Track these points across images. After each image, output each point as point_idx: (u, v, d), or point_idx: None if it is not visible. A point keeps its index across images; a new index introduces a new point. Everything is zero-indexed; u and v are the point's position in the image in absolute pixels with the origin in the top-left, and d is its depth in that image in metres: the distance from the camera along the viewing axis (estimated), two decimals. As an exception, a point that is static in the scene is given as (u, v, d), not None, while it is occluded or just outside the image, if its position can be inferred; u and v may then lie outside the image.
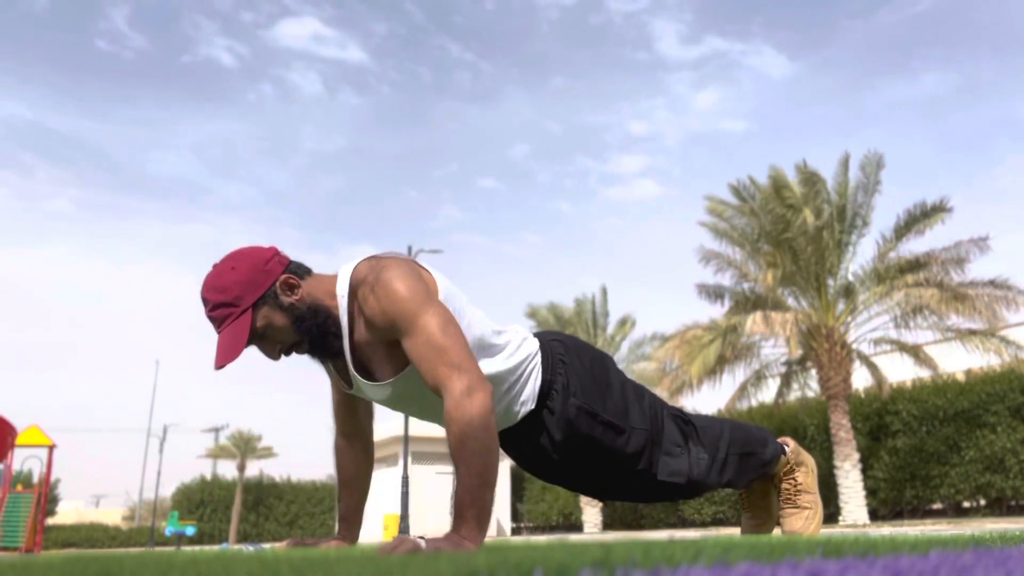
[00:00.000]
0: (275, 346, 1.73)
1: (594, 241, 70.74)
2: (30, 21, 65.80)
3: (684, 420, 2.11)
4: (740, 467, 2.15)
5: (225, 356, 1.64)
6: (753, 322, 13.57)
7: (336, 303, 1.75)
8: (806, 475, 2.26)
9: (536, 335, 2.02)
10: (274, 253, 1.76)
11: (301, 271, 1.77)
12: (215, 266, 1.73)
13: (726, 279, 15.48)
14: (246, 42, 68.21)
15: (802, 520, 2.22)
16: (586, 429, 1.93)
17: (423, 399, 1.81)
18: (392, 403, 1.88)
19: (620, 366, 15.45)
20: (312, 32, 72.60)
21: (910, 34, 62.93)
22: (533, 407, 1.92)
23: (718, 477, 2.09)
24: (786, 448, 2.27)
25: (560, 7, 68.49)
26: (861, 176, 14.39)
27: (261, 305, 1.69)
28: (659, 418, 2.04)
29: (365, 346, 1.77)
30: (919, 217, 13.96)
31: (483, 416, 1.54)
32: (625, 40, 67.24)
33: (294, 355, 1.82)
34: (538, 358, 1.93)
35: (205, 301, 1.70)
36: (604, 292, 22.24)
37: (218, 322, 1.69)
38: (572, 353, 1.99)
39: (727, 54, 67.30)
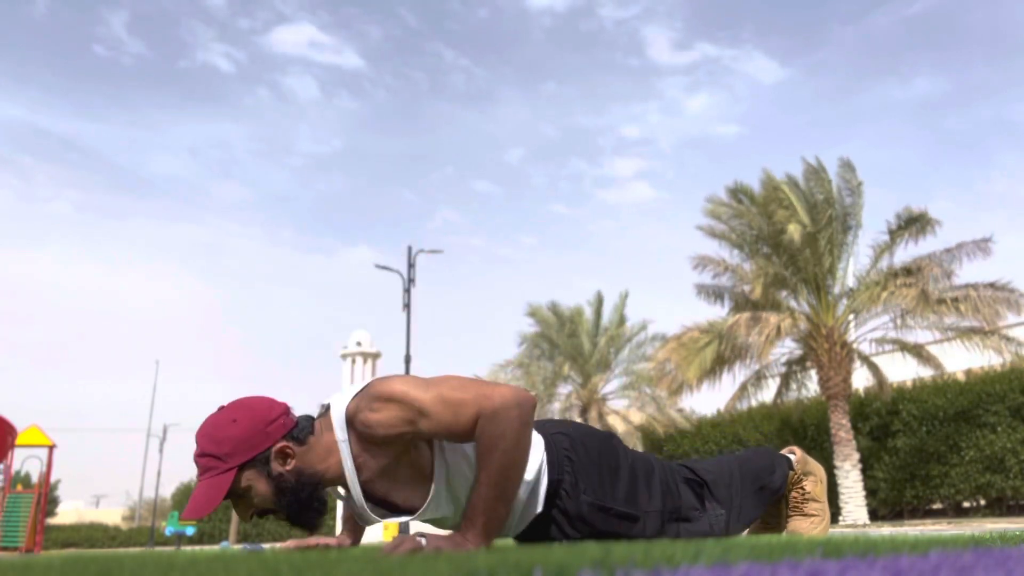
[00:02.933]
0: (249, 509, 1.67)
1: (590, 243, 71.02)
2: (30, 26, 66.17)
3: (696, 481, 2.07)
4: (756, 503, 2.15)
5: (196, 510, 1.59)
6: (739, 325, 13.59)
7: (337, 456, 1.68)
8: (815, 484, 2.25)
9: (539, 428, 1.96)
10: (281, 413, 1.69)
11: (303, 434, 1.68)
12: (220, 410, 1.69)
13: (725, 280, 15.50)
14: (243, 48, 68.81)
15: (807, 523, 2.22)
16: (601, 525, 1.89)
17: (455, 513, 1.78)
18: (430, 524, 1.85)
19: (621, 366, 15.21)
20: (308, 38, 73.37)
21: (902, 38, 63.18)
22: (541, 510, 1.87)
23: (737, 524, 2.09)
24: (792, 459, 2.26)
25: (552, 14, 69.17)
26: (841, 179, 14.47)
27: (249, 467, 1.63)
28: (673, 487, 2.01)
29: (380, 480, 1.71)
30: (910, 222, 14.01)
31: (517, 430, 1.52)
32: (617, 46, 67.91)
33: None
34: (544, 458, 1.88)
35: (197, 443, 1.65)
36: (624, 297, 22.11)
37: (200, 471, 1.64)
38: (578, 445, 1.94)
39: (718, 60, 67.95)
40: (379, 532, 22.19)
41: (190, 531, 27.46)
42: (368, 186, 74.66)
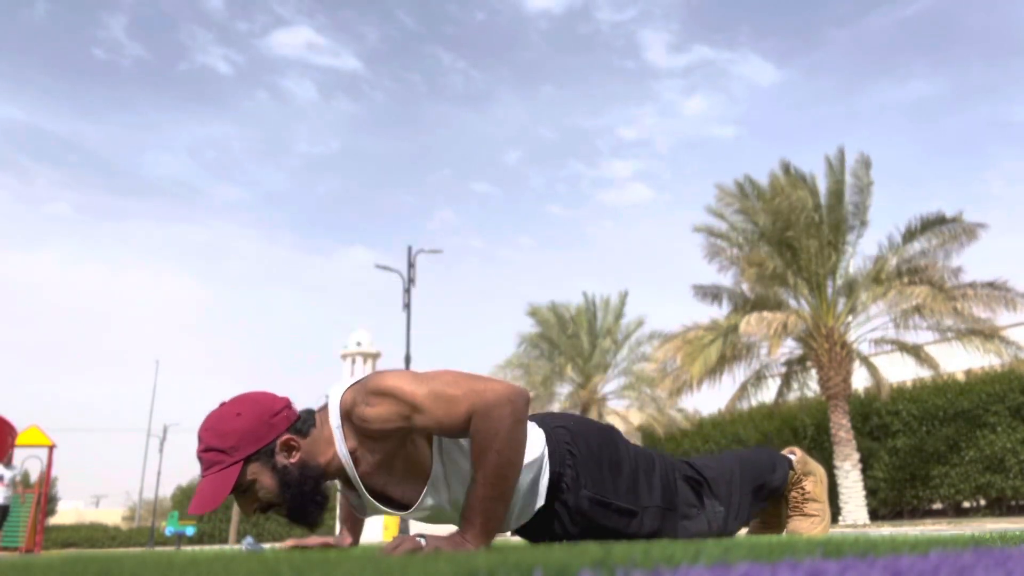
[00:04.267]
0: (253, 503, 1.67)
1: (588, 243, 71.14)
2: (30, 29, 66.40)
3: (696, 478, 2.08)
4: (754, 502, 2.15)
5: (202, 505, 1.58)
6: (747, 323, 13.57)
7: (335, 449, 1.68)
8: (815, 484, 2.25)
9: (540, 422, 1.97)
10: (284, 406, 1.69)
11: (306, 427, 1.69)
12: (222, 405, 1.68)
13: (727, 279, 15.49)
14: (241, 51, 69.05)
15: (807, 523, 2.22)
16: (601, 519, 1.90)
17: (448, 509, 1.78)
18: (425, 520, 1.85)
19: (621, 366, 15.17)
20: (306, 41, 73.66)
21: (899, 39, 63.34)
22: (543, 503, 1.87)
23: (735, 523, 2.09)
24: (792, 459, 2.26)
25: (549, 17, 69.47)
26: (853, 176, 14.42)
27: (254, 460, 1.63)
28: (672, 483, 2.02)
29: (378, 473, 1.71)
30: (932, 224, 13.89)
31: (511, 427, 1.52)
32: (613, 49, 68.23)
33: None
34: (545, 452, 1.89)
35: (200, 439, 1.64)
36: (623, 296, 22.10)
37: (205, 465, 1.63)
38: (579, 439, 1.94)
39: (715, 62, 68.30)
40: (379, 532, 22.19)
41: (190, 531, 27.43)
42: (366, 187, 74.91)
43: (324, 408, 1.73)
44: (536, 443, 1.87)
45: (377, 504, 1.75)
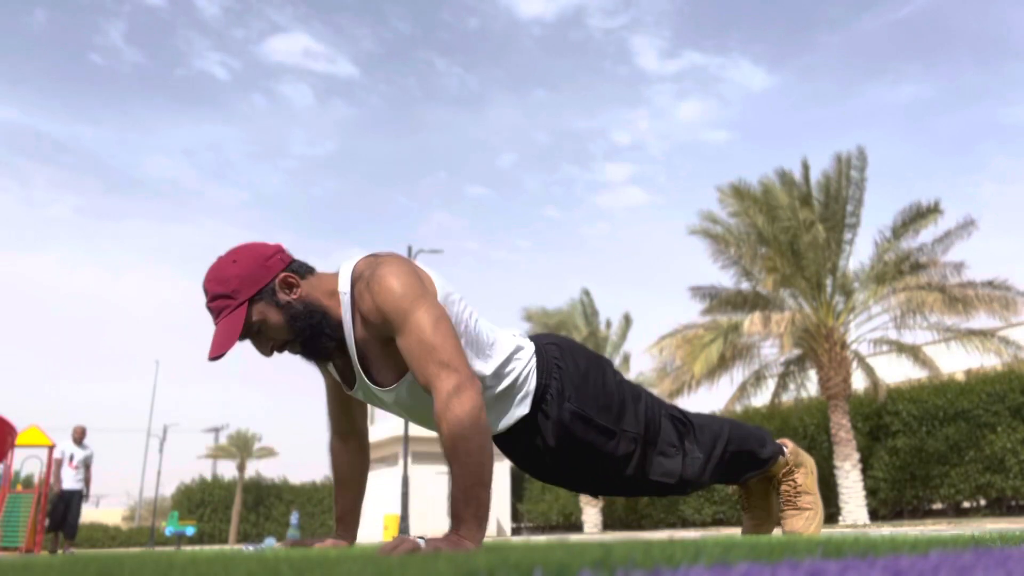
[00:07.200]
0: (268, 343, 1.74)
1: (584, 246, 71.28)
2: (29, 35, 66.86)
3: (682, 420, 2.11)
4: (736, 465, 2.17)
5: (218, 347, 1.66)
6: (751, 322, 13.56)
7: (337, 301, 1.74)
8: (806, 476, 2.26)
9: (532, 338, 2.02)
10: (277, 250, 1.76)
11: (303, 270, 1.77)
12: (218, 258, 1.74)
13: (728, 279, 15.49)
14: (238, 56, 69.42)
15: (802, 520, 2.22)
16: (580, 434, 1.94)
17: (425, 407, 1.80)
18: (393, 409, 1.88)
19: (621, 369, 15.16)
20: (302, 47, 74.30)
21: (890, 42, 63.42)
22: (528, 411, 1.92)
23: (713, 474, 2.11)
24: (785, 449, 2.27)
25: (542, 24, 69.93)
26: (849, 174, 14.41)
27: (258, 300, 1.69)
28: (656, 419, 2.05)
29: (368, 345, 1.76)
30: (915, 217, 13.98)
31: (472, 415, 1.54)
32: (606, 55, 68.65)
33: (294, 357, 1.82)
34: (533, 362, 1.93)
35: (205, 291, 1.72)
36: (627, 319, 22.12)
37: (215, 313, 1.70)
38: (568, 356, 1.99)
39: (706, 68, 68.69)
40: (379, 532, 22.19)
41: (190, 531, 27.40)
42: (362, 190, 75.12)
43: (325, 272, 1.81)
44: (524, 352, 1.92)
45: (362, 374, 1.79)
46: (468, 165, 73.83)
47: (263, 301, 1.70)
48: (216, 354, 1.66)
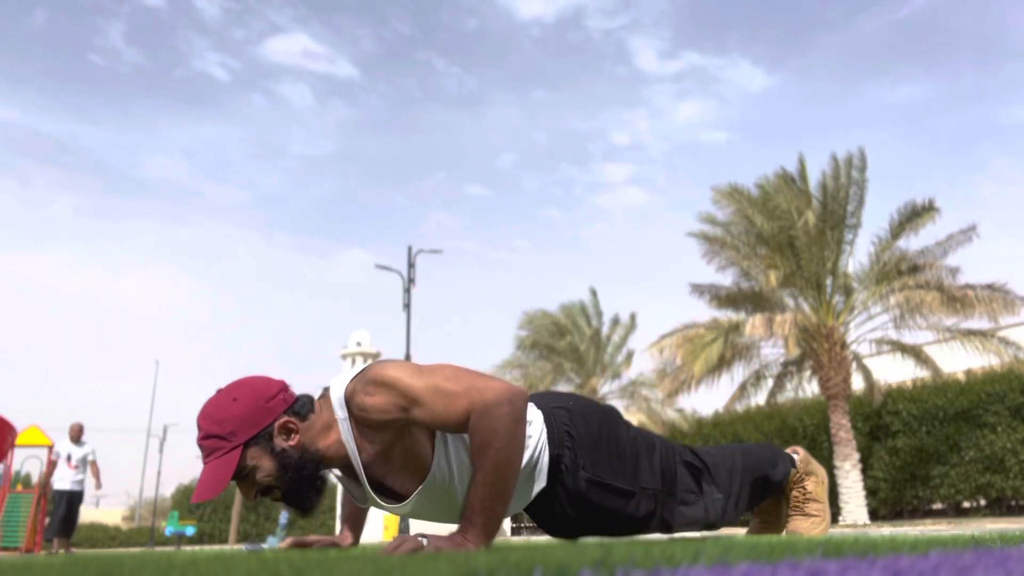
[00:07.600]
0: (253, 487, 1.66)
1: (583, 246, 71.36)
2: (29, 36, 66.97)
3: (696, 464, 2.08)
4: (754, 494, 2.15)
5: (206, 492, 1.58)
6: (753, 324, 13.56)
7: (336, 431, 1.68)
8: (816, 484, 2.25)
9: (538, 401, 1.97)
10: (280, 389, 1.69)
11: (304, 410, 1.69)
12: (219, 392, 1.68)
13: (726, 279, 15.48)
14: (238, 57, 69.58)
15: (807, 523, 2.22)
16: (599, 500, 1.90)
17: (447, 505, 1.77)
18: (414, 515, 1.84)
19: (618, 368, 15.14)
20: (302, 48, 74.43)
21: (890, 41, 63.46)
22: (545, 484, 1.87)
23: (734, 512, 2.09)
24: (795, 458, 2.27)
25: (541, 25, 70.13)
26: (848, 174, 14.40)
27: (253, 445, 1.62)
28: (671, 468, 2.02)
29: (377, 463, 1.71)
30: (911, 216, 13.98)
31: (509, 427, 1.52)
32: (605, 56, 68.81)
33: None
34: (544, 434, 1.88)
35: (199, 427, 1.64)
36: (632, 319, 22.06)
37: (206, 453, 1.63)
38: (578, 420, 1.94)
39: (705, 68, 68.80)
40: (379, 532, 22.18)
41: (190, 531, 27.41)
42: (362, 190, 75.20)
43: (324, 396, 1.73)
44: (535, 426, 1.87)
45: (375, 496, 1.75)
46: (468, 165, 73.91)
47: (258, 446, 1.62)
48: (202, 498, 1.59)
